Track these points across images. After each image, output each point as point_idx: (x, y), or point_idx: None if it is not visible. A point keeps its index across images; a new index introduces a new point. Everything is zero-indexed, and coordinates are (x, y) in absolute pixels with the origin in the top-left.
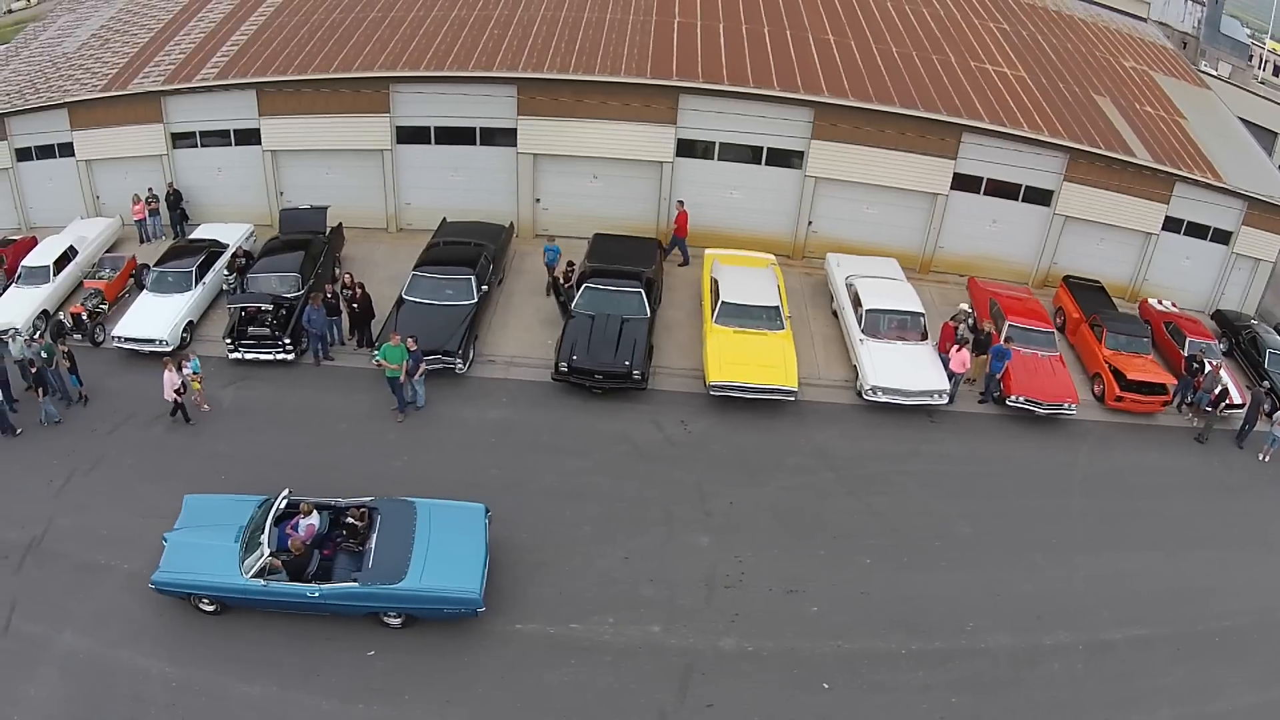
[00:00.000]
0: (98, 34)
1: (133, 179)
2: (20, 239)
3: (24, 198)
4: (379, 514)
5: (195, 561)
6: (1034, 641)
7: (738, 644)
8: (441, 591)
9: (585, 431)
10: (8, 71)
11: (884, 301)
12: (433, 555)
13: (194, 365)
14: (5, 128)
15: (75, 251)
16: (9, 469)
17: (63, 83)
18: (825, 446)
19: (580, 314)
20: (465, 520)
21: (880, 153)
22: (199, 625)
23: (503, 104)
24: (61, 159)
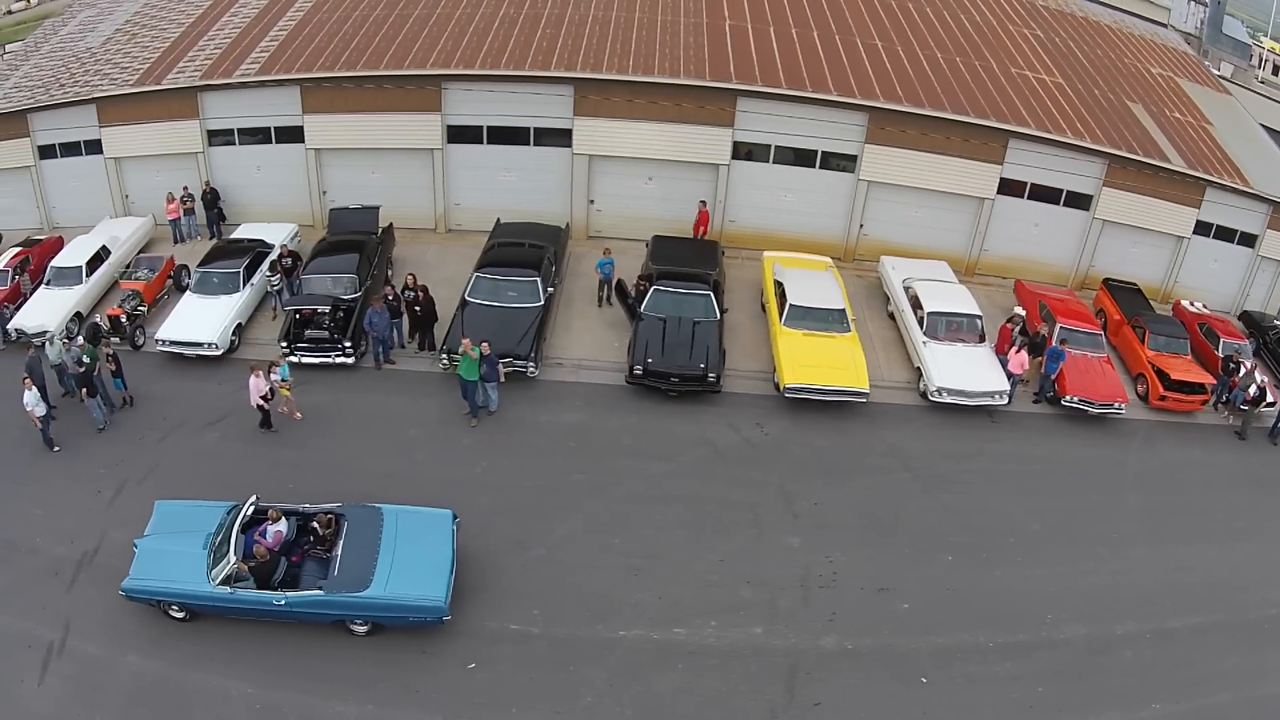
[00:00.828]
0: (123, 29)
1: (165, 177)
2: (46, 239)
3: (46, 196)
4: (346, 520)
5: (164, 569)
6: (1106, 631)
7: (837, 642)
8: (406, 600)
9: (664, 435)
10: (28, 67)
11: (944, 304)
12: (398, 563)
13: (283, 372)
14: (27, 124)
15: (108, 252)
16: (53, 481)
17: (89, 78)
18: (898, 446)
19: (650, 316)
20: (432, 527)
21: (931, 157)
22: (277, 643)
23: (558, 104)
24: (88, 156)
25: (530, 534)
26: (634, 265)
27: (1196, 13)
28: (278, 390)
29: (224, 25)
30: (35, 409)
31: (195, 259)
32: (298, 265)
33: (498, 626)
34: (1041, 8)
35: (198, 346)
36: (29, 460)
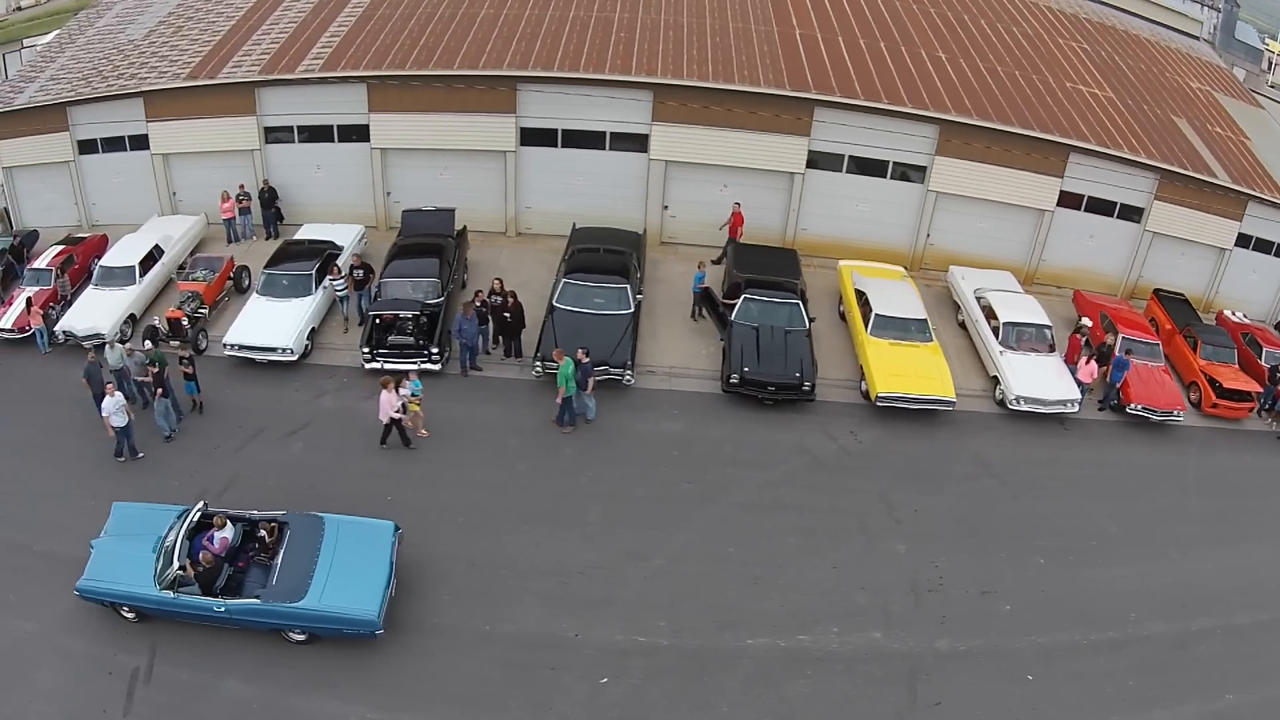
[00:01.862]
0: (166, 21)
1: (217, 175)
2: (90, 237)
3: (85, 193)
4: (289, 529)
5: (115, 570)
6: (1182, 628)
7: (950, 645)
8: (339, 613)
9: (764, 443)
10: (64, 59)
11: (1018, 315)
12: (335, 575)
13: (415, 387)
14: (66, 117)
15: (161, 251)
16: (122, 493)
17: (135, 71)
18: (982, 454)
19: (741, 325)
20: (372, 539)
21: (997, 170)
22: (393, 662)
23: (636, 109)
24: (133, 152)
25: (647, 544)
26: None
27: (1210, 18)
28: (407, 405)
29: (277, 20)
30: (114, 418)
31: (254, 259)
32: (370, 276)
33: (625, 640)
34: (1085, 21)
35: (271, 351)
36: (92, 470)
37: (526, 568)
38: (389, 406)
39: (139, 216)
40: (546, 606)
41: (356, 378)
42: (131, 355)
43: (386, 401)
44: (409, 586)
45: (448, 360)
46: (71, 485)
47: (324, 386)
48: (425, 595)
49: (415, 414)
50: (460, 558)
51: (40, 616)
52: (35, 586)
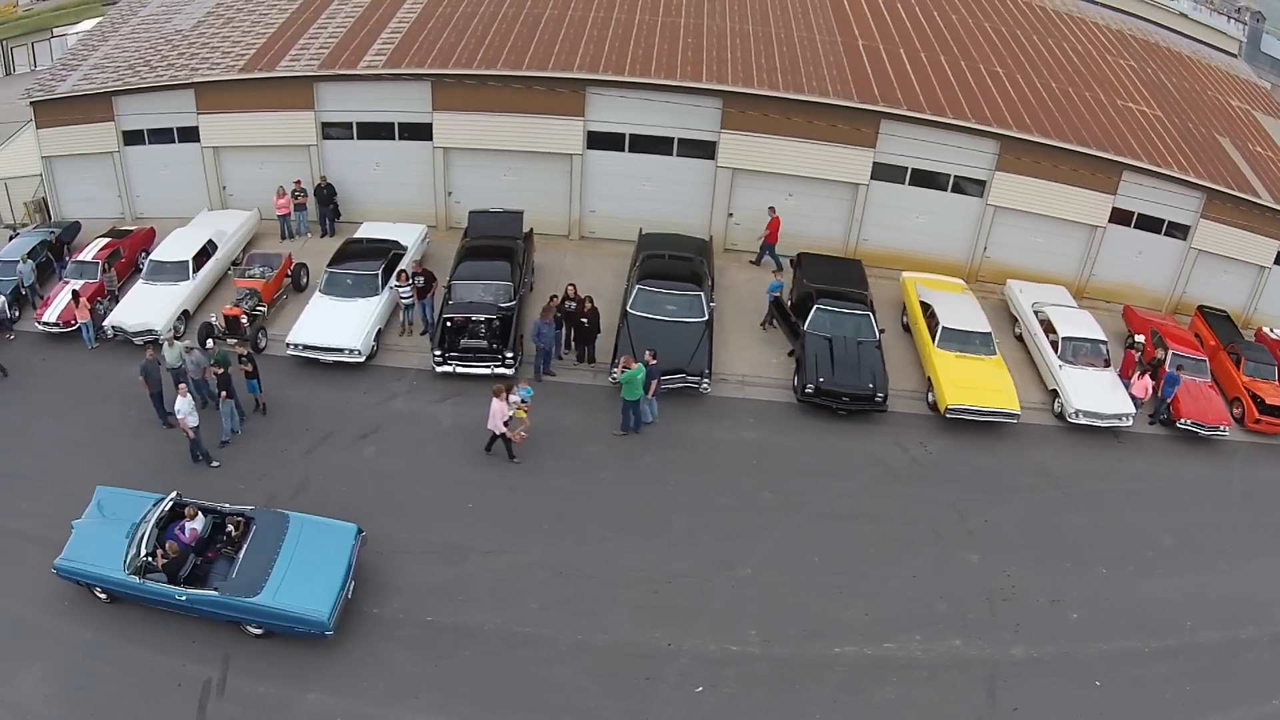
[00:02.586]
0: (215, 12)
1: (270, 169)
2: (136, 230)
3: (130, 185)
4: (254, 525)
5: (90, 552)
6: (1233, 636)
7: (1025, 651)
8: (291, 611)
9: (839, 453)
10: (107, 48)
11: (1077, 329)
12: (292, 573)
13: (525, 394)
14: (112, 107)
15: (214, 246)
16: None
17: (186, 62)
18: (1044, 465)
19: (814, 335)
20: (333, 540)
21: (1054, 185)
22: (474, 667)
23: (706, 116)
24: (181, 144)
25: (733, 553)
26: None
27: (1237, 31)
28: (513, 412)
29: (333, 15)
30: (189, 418)
31: (310, 257)
32: (432, 284)
33: (718, 649)
34: (1130, 38)
35: (338, 352)
36: (148, 472)
37: (615, 577)
38: (500, 415)
39: (186, 210)
40: (638, 616)
41: (426, 380)
42: (190, 353)
43: (498, 410)
44: (499, 595)
45: (520, 364)
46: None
47: (393, 389)
48: (514, 604)
49: (521, 421)
50: (547, 566)
51: (99, 624)
52: (87, 594)
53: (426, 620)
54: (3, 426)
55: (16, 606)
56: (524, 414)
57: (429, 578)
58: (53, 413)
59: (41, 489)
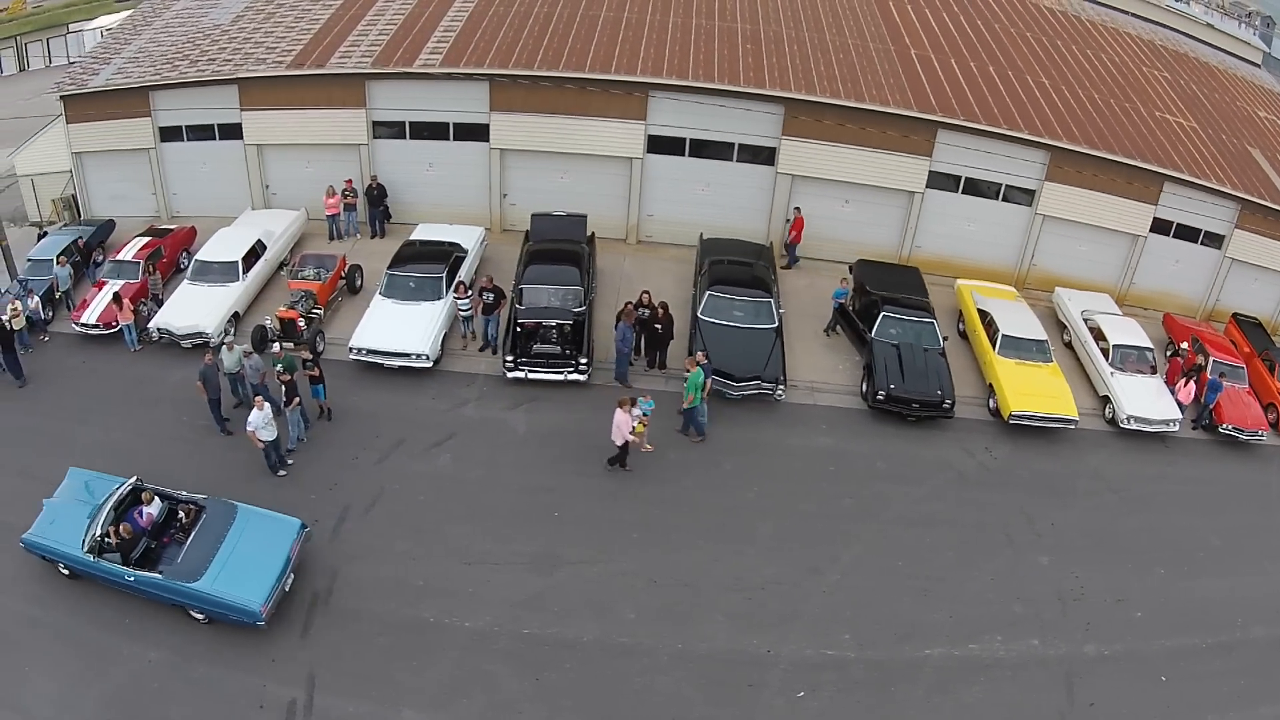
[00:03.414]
0: (254, 6)
1: (316, 169)
2: (177, 229)
3: (166, 182)
4: (205, 513)
5: (55, 530)
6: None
7: (1096, 649)
8: (226, 598)
9: (911, 459)
10: (141, 42)
11: (1127, 338)
12: (232, 562)
13: (646, 407)
14: (149, 102)
15: (263, 246)
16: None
17: (228, 58)
18: (1100, 470)
19: (882, 342)
20: (275, 533)
21: (1100, 196)
22: (584, 682)
23: (767, 122)
24: (222, 141)
25: (820, 559)
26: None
27: (1259, 42)
28: (634, 425)
29: (381, 11)
30: (262, 432)
31: (360, 259)
32: (500, 302)
33: (815, 654)
34: (1162, 48)
35: (405, 357)
36: (215, 481)
37: (708, 584)
38: (624, 426)
39: (226, 209)
40: (735, 623)
41: (496, 386)
42: (250, 357)
43: (622, 421)
44: (595, 605)
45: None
46: None
47: (463, 395)
48: (611, 614)
49: (640, 434)
50: (640, 575)
51: (165, 644)
52: (154, 612)
53: (523, 633)
54: (44, 432)
55: (76, 624)
56: (643, 427)
57: (520, 589)
58: (97, 418)
59: None
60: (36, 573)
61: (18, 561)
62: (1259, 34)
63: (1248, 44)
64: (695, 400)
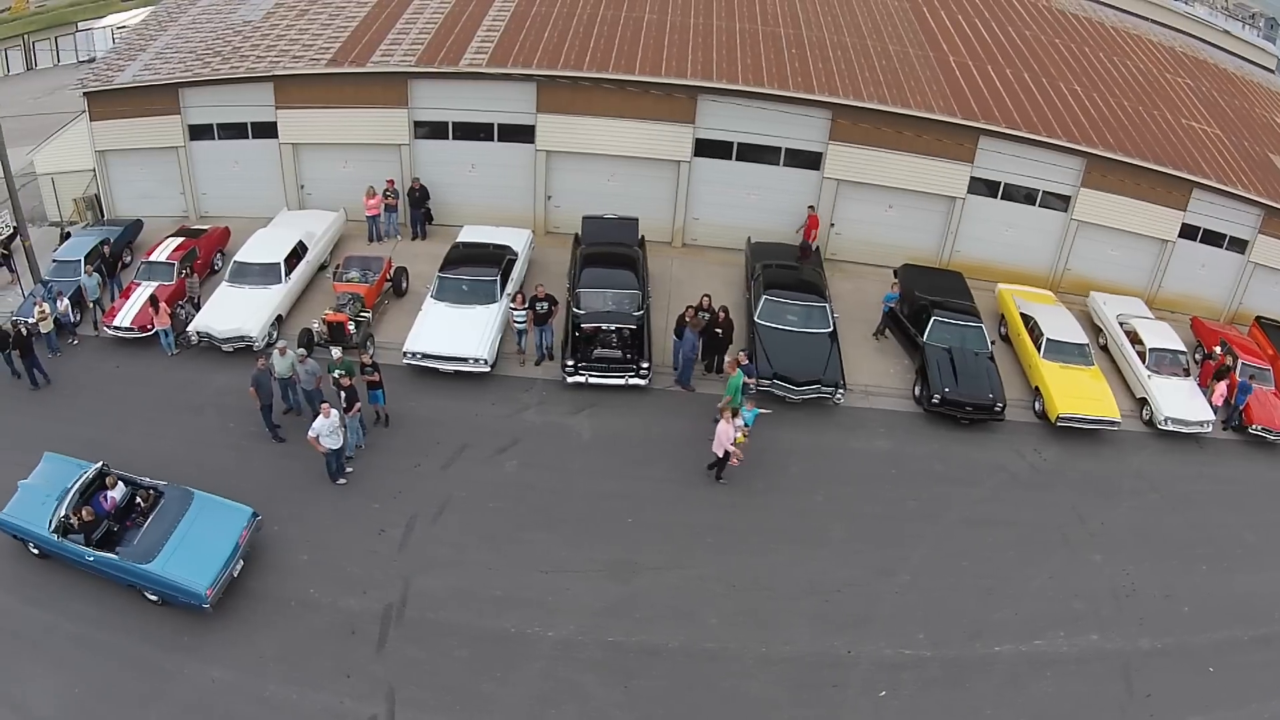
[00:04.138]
0: (285, 3)
1: (354, 169)
2: (210, 229)
3: (195, 182)
4: (163, 498)
5: (27, 510)
6: None
7: (1150, 643)
8: (174, 580)
9: (966, 461)
10: (168, 38)
11: (1163, 341)
12: (184, 546)
13: (750, 416)
14: (178, 99)
15: (304, 248)
16: (313, 517)
17: (262, 54)
18: (1141, 470)
19: (934, 347)
20: (226, 520)
21: (1132, 202)
22: (668, 691)
23: (814, 126)
24: (255, 140)
25: (890, 561)
26: (875, 289)
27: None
28: (736, 436)
29: (419, 10)
30: (327, 440)
31: (403, 260)
32: (553, 310)
33: (893, 654)
34: (1183, 55)
35: (462, 362)
36: (270, 490)
37: (786, 587)
38: (726, 438)
39: (258, 209)
40: (814, 625)
41: (555, 391)
42: (305, 362)
43: (724, 432)
44: (677, 611)
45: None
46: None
47: (523, 400)
48: (694, 619)
49: (740, 444)
50: (719, 579)
51: (229, 661)
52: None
53: (608, 641)
54: (82, 440)
55: (129, 642)
56: (743, 438)
57: (600, 596)
58: (137, 425)
59: None
60: (90, 592)
61: (67, 583)
62: (1262, 35)
63: (1262, 49)
64: (734, 401)
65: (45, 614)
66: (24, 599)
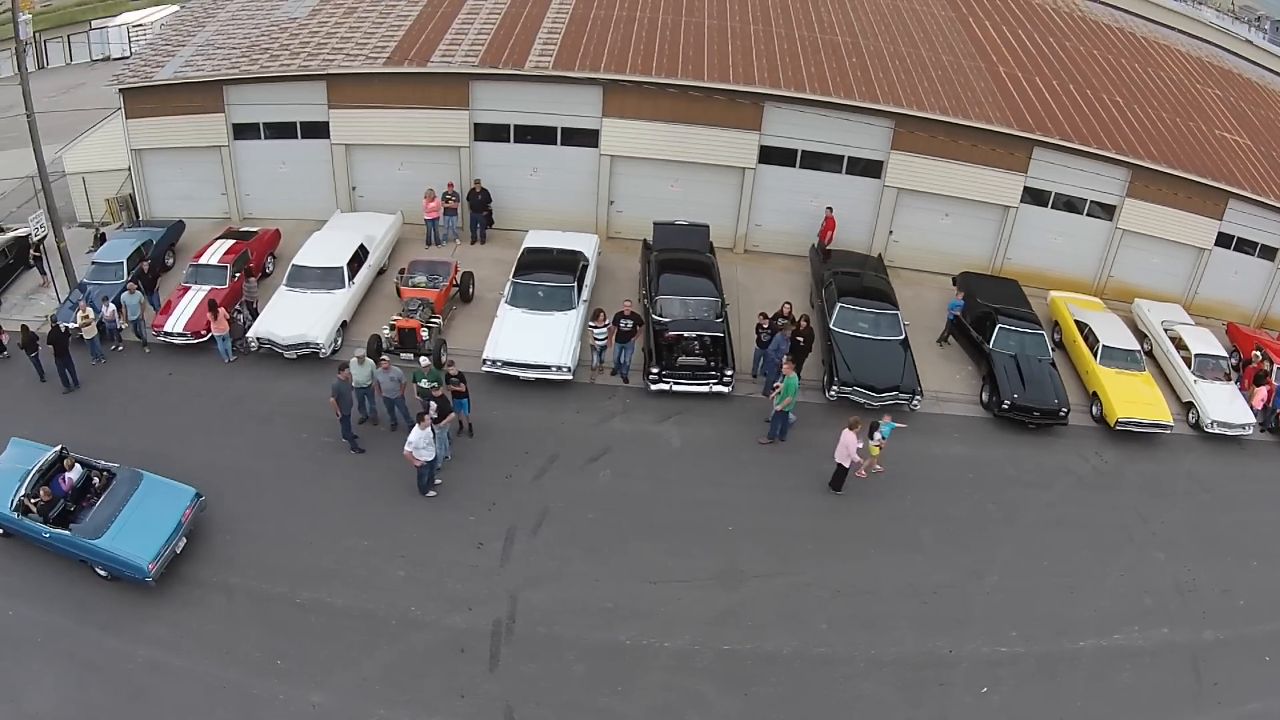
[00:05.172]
0: (331, 0)
1: (410, 171)
2: (260, 231)
3: (239, 182)
4: (116, 479)
5: None
6: None
7: (1213, 635)
8: (120, 555)
9: (1036, 465)
10: (207, 34)
11: (1207, 347)
12: (130, 523)
13: (887, 429)
14: (222, 97)
15: (365, 251)
16: (406, 531)
17: (313, 52)
18: (1193, 472)
19: (1000, 353)
20: (171, 500)
21: (1173, 211)
22: (786, 696)
23: (877, 135)
24: (304, 140)
25: (979, 563)
26: (932, 295)
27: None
28: (872, 446)
29: (474, 10)
30: (422, 452)
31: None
32: (637, 329)
33: (990, 651)
34: (1210, 65)
35: (544, 370)
36: (355, 504)
37: (887, 591)
38: (851, 447)
39: (306, 211)
40: (916, 627)
41: (639, 398)
42: (388, 371)
43: (850, 442)
44: (787, 617)
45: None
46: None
47: (608, 408)
48: (804, 625)
49: (874, 456)
50: (823, 585)
51: (332, 686)
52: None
53: (723, 649)
54: (139, 452)
55: (218, 669)
56: (878, 450)
57: (710, 605)
58: (200, 436)
59: (222, 524)
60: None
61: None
62: (1268, 38)
63: (1277, 56)
64: (791, 404)
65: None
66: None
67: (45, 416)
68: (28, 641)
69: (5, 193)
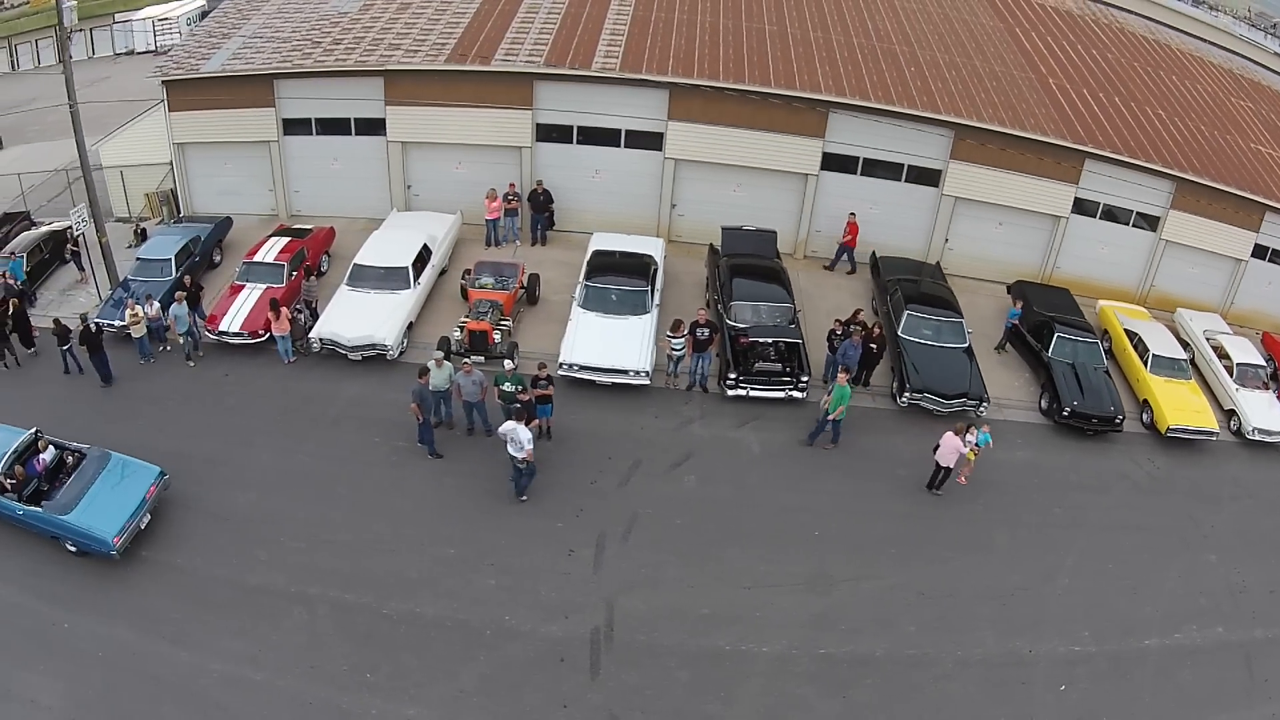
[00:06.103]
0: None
1: (468, 170)
2: (315, 229)
3: (288, 179)
4: (85, 459)
5: None
6: None
7: (1264, 633)
8: (85, 529)
9: (1095, 470)
10: (254, 26)
11: (1248, 356)
12: (97, 500)
13: (984, 438)
14: (272, 91)
15: (429, 252)
16: (492, 539)
17: (368, 47)
18: (1237, 477)
19: (1059, 361)
20: (136, 478)
21: (1213, 224)
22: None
23: (936, 144)
24: (359, 137)
25: (1050, 565)
26: (986, 303)
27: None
28: (967, 452)
29: (533, 9)
30: (521, 452)
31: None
32: (713, 337)
33: (1066, 651)
34: (1240, 77)
35: (623, 374)
36: (439, 513)
37: (968, 593)
38: (953, 451)
39: (358, 209)
40: (997, 628)
41: (714, 403)
42: (470, 374)
43: (953, 446)
44: (878, 620)
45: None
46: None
47: (685, 413)
48: (894, 628)
49: (969, 462)
50: (908, 588)
51: (426, 700)
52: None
53: (820, 653)
54: (202, 457)
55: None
56: (974, 456)
57: (803, 609)
58: (266, 439)
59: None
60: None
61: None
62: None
63: None
64: (844, 414)
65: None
66: None
67: (92, 419)
68: (88, 655)
69: (35, 185)
